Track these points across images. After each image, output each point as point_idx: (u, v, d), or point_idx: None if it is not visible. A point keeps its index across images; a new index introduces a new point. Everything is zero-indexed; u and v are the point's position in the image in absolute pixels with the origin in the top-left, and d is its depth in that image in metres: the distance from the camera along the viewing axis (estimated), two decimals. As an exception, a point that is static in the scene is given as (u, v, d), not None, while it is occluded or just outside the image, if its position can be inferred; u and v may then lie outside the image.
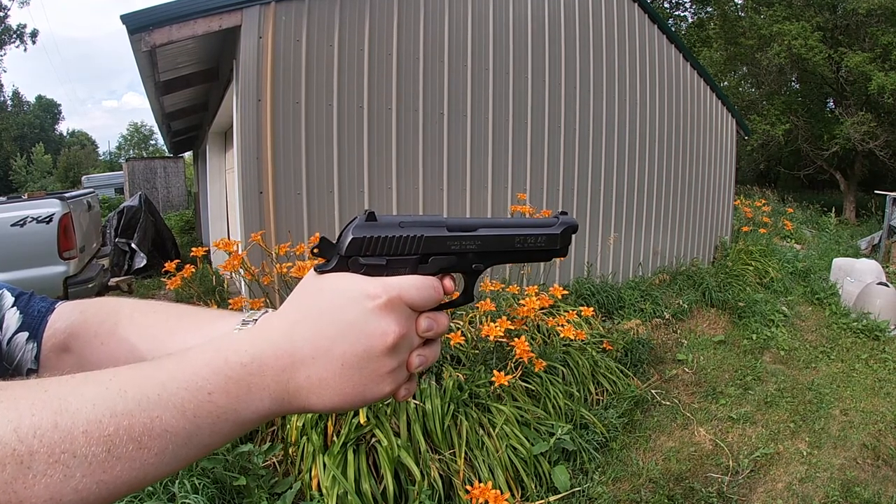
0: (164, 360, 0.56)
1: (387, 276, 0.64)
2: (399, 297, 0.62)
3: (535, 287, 4.88)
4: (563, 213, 0.75)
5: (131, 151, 71.27)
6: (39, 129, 58.03)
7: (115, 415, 0.48)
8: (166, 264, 4.04)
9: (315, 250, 0.65)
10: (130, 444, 0.48)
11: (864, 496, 4.12)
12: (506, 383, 3.80)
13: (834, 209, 17.16)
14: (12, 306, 0.84)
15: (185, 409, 0.52)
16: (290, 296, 0.65)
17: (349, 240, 0.64)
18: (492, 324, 3.95)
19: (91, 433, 0.47)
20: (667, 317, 7.17)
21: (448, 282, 0.68)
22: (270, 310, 0.70)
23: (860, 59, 17.08)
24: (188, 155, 22.26)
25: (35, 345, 0.82)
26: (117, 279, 9.12)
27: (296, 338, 0.59)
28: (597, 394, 5.00)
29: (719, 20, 21.78)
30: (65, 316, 0.84)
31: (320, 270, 0.64)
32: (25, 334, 0.82)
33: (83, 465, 0.46)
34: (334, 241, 0.65)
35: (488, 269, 0.73)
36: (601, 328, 5.95)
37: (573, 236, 0.74)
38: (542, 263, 6.74)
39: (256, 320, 0.67)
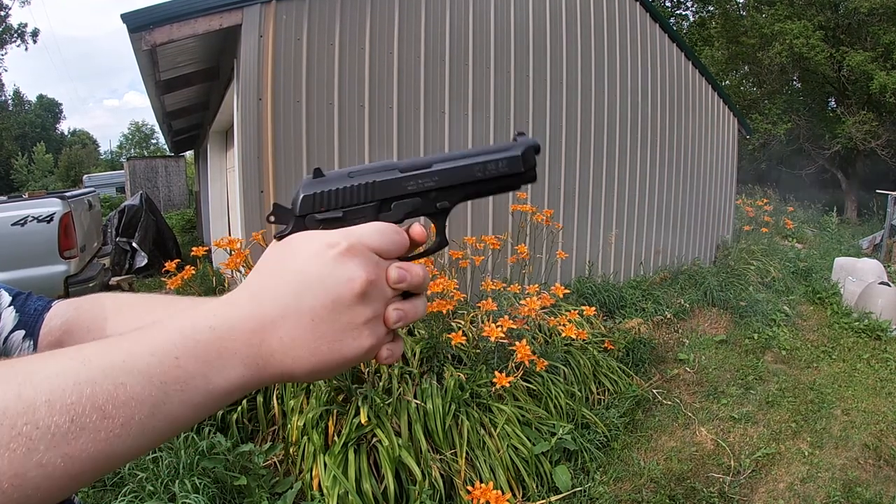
0: (132, 331, 0.55)
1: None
2: (360, 241, 0.59)
3: (537, 286, 4.88)
4: (521, 133, 0.72)
5: (132, 150, 71.24)
6: (40, 129, 58.08)
7: (79, 383, 0.47)
8: (167, 263, 4.03)
9: (270, 218, 0.64)
10: (94, 413, 0.46)
11: (866, 496, 4.11)
12: (507, 384, 3.79)
13: (835, 208, 17.13)
14: (9, 305, 0.84)
15: (150, 374, 0.50)
16: (255, 265, 0.63)
17: (300, 198, 0.63)
18: (493, 324, 3.95)
19: (53, 402, 0.45)
20: (668, 316, 7.16)
21: (417, 228, 0.65)
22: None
23: (862, 58, 17.08)
24: (189, 154, 22.28)
25: (31, 343, 0.82)
26: (118, 278, 9.14)
27: (264, 300, 0.57)
28: (598, 393, 4.99)
29: (721, 19, 21.79)
30: (60, 314, 0.85)
31: (279, 236, 0.63)
32: (22, 332, 0.82)
33: (46, 437, 0.44)
34: (288, 207, 0.64)
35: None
36: (602, 327, 5.94)
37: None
38: (543, 262, 6.79)
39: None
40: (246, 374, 0.56)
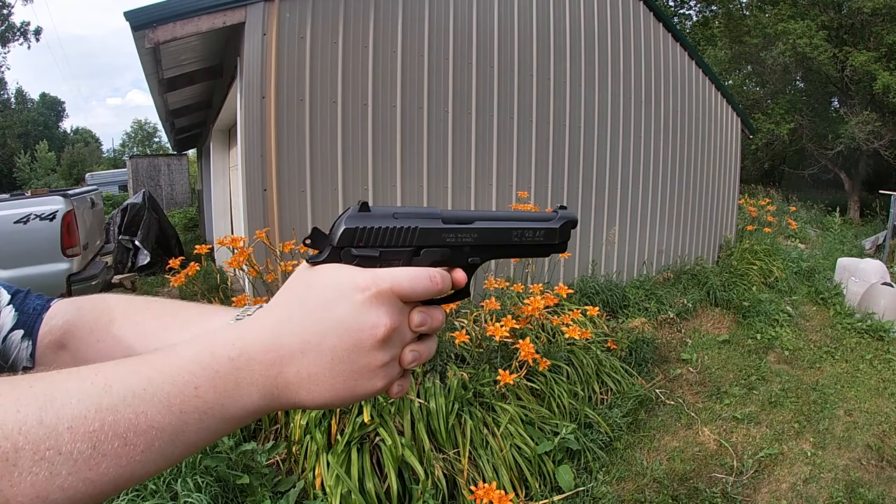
0: (150, 355, 0.55)
1: (379, 267, 0.62)
2: (390, 288, 0.60)
3: (540, 285, 4.87)
4: (563, 207, 0.73)
5: (135, 149, 71.22)
6: (43, 127, 58.10)
7: (101, 410, 0.47)
8: (170, 261, 4.03)
9: (307, 241, 0.64)
10: (116, 440, 0.47)
11: (868, 497, 4.11)
12: (511, 383, 3.78)
13: (838, 209, 17.11)
14: (8, 304, 0.84)
15: (171, 404, 0.51)
16: (281, 289, 0.64)
17: (341, 230, 0.62)
18: (497, 324, 3.94)
19: (76, 429, 0.46)
20: (671, 316, 7.15)
21: (446, 275, 0.66)
22: (266, 305, 0.69)
23: (865, 58, 17.05)
24: (192, 152, 22.34)
25: (30, 343, 0.82)
26: (121, 276, 9.14)
27: (284, 332, 0.58)
28: (601, 393, 4.98)
29: (724, 19, 21.78)
30: (61, 313, 0.84)
31: (312, 262, 0.63)
32: (20, 332, 0.82)
33: (68, 463, 0.45)
34: (327, 233, 0.64)
35: (491, 265, 0.71)
36: (605, 327, 5.94)
37: (573, 231, 0.72)
38: (546, 261, 6.78)
39: (251, 315, 0.66)
40: (260, 403, 0.57)
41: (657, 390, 5.50)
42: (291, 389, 0.58)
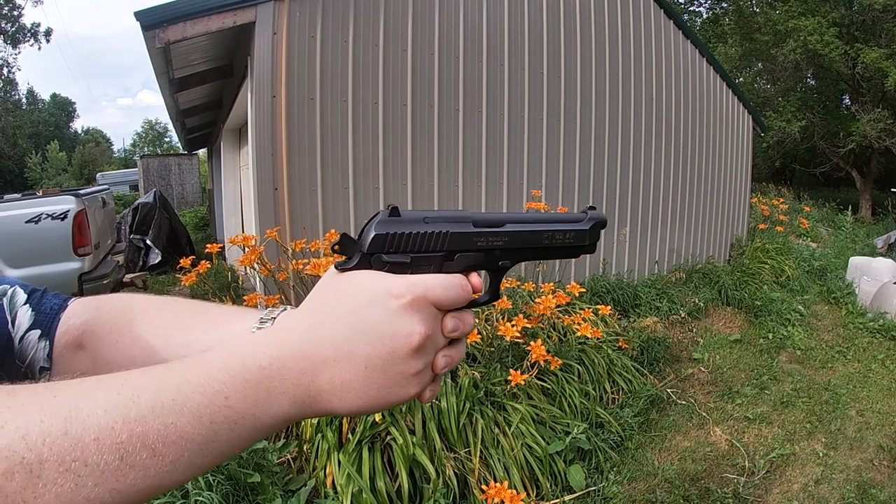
0: (178, 363, 0.54)
1: (411, 274, 0.61)
2: (424, 296, 0.59)
3: (552, 284, 4.86)
4: (592, 207, 0.73)
5: (146, 148, 71.59)
6: (54, 127, 58.45)
7: (128, 421, 0.47)
8: (181, 260, 4.04)
9: (336, 247, 0.62)
10: (144, 451, 0.46)
11: (881, 498, 4.08)
12: (522, 382, 3.78)
13: (850, 207, 17.02)
14: (25, 303, 0.83)
15: (201, 414, 0.50)
16: (310, 295, 0.63)
17: (372, 236, 0.61)
18: (508, 323, 3.94)
19: (103, 441, 0.45)
20: (683, 315, 7.13)
21: (476, 279, 0.65)
22: (288, 307, 0.68)
23: (876, 55, 16.94)
24: (202, 152, 22.40)
25: (47, 343, 0.81)
26: (132, 275, 9.18)
27: (316, 340, 0.57)
28: (612, 392, 4.97)
29: (734, 16, 21.66)
30: (79, 312, 0.83)
31: (341, 268, 0.62)
32: (37, 332, 0.81)
33: (95, 474, 0.44)
34: (356, 238, 0.63)
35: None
36: (617, 326, 5.92)
37: (601, 232, 0.72)
38: (557, 260, 6.76)
39: (274, 318, 0.66)
40: (291, 412, 0.57)
41: (668, 390, 5.48)
42: (324, 398, 0.57)
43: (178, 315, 0.80)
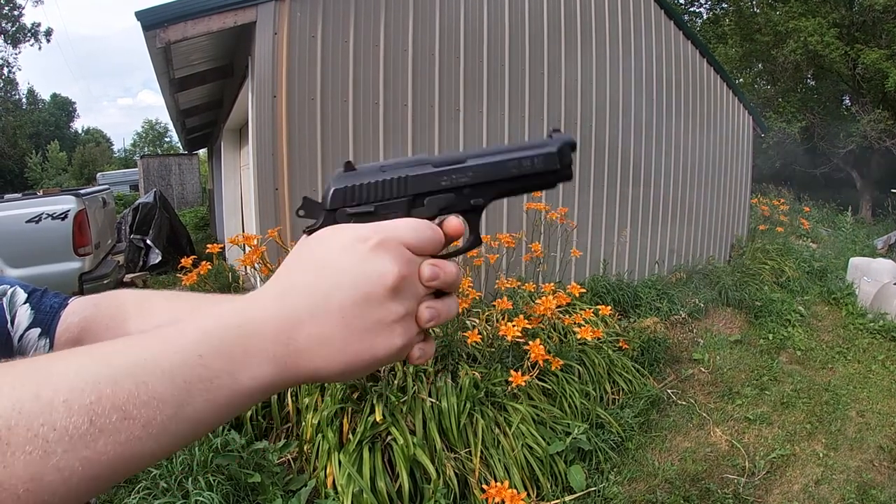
0: (153, 330, 0.53)
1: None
2: (392, 236, 0.57)
3: (552, 285, 4.87)
4: (556, 130, 0.69)
5: (146, 148, 71.46)
6: (54, 127, 58.36)
7: (99, 382, 0.45)
8: (182, 260, 4.04)
9: (300, 212, 0.62)
10: (114, 413, 0.44)
11: (881, 499, 4.09)
12: (523, 383, 3.78)
13: (850, 207, 17.00)
14: (24, 303, 0.83)
15: (174, 373, 0.48)
16: (283, 261, 0.61)
17: (331, 191, 0.61)
18: (509, 323, 3.94)
19: (72, 402, 0.43)
20: (683, 315, 7.12)
21: (452, 224, 0.63)
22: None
23: (877, 56, 16.93)
24: (203, 152, 22.41)
25: (47, 341, 0.81)
26: (132, 275, 9.19)
27: (290, 296, 0.55)
28: (613, 393, 4.97)
29: (734, 16, 21.64)
30: (79, 310, 0.84)
31: (309, 230, 0.61)
32: (37, 330, 0.81)
33: (64, 439, 0.42)
34: (318, 200, 0.62)
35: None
36: (617, 326, 5.92)
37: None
38: (557, 260, 6.77)
39: None
40: (274, 373, 0.54)
41: (669, 390, 5.48)
42: (305, 357, 0.54)
43: (174, 305, 0.81)
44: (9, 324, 0.81)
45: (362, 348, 0.56)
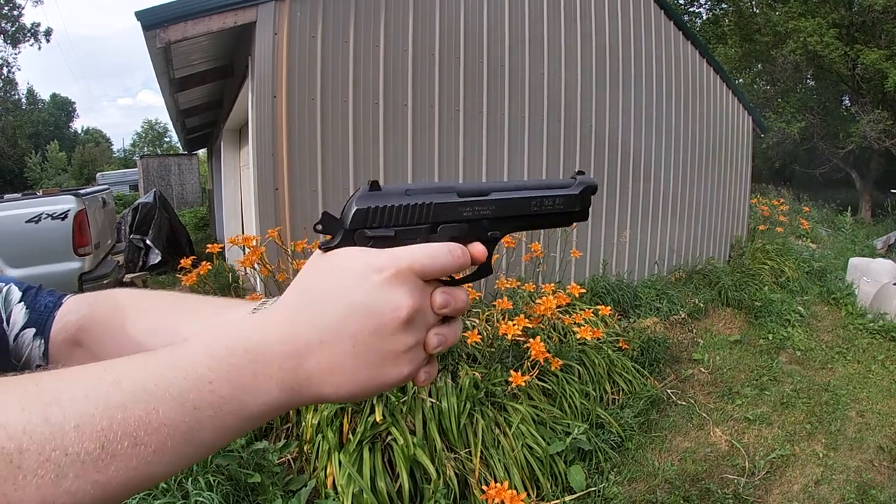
0: (162, 350, 0.53)
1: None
2: (409, 267, 0.57)
3: (552, 285, 4.87)
4: (581, 172, 0.71)
5: (146, 148, 71.44)
6: (54, 127, 58.35)
7: (109, 408, 0.45)
8: (182, 260, 4.04)
9: (318, 227, 0.61)
10: (126, 439, 0.45)
11: (881, 499, 4.09)
12: (523, 384, 3.78)
13: (850, 208, 17.01)
14: (19, 301, 0.83)
15: (184, 400, 0.49)
16: (294, 279, 0.60)
17: (353, 211, 0.60)
18: (509, 322, 3.94)
19: (83, 428, 0.43)
20: (683, 316, 7.13)
21: (478, 249, 0.63)
22: (280, 297, 0.67)
23: (876, 56, 16.95)
24: (202, 152, 22.40)
25: (42, 341, 0.81)
26: (132, 275, 9.18)
27: (301, 323, 0.55)
28: (613, 393, 4.97)
29: (734, 17, 21.67)
30: (75, 309, 0.83)
31: (325, 248, 0.60)
32: (32, 330, 0.81)
33: (76, 464, 0.42)
34: (338, 216, 0.62)
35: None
36: (617, 327, 5.91)
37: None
38: (557, 261, 6.77)
39: (267, 308, 0.64)
40: (281, 398, 0.54)
41: (669, 390, 5.48)
42: (313, 382, 0.55)
43: (173, 307, 0.80)
44: (4, 323, 0.81)
45: (371, 376, 0.56)
